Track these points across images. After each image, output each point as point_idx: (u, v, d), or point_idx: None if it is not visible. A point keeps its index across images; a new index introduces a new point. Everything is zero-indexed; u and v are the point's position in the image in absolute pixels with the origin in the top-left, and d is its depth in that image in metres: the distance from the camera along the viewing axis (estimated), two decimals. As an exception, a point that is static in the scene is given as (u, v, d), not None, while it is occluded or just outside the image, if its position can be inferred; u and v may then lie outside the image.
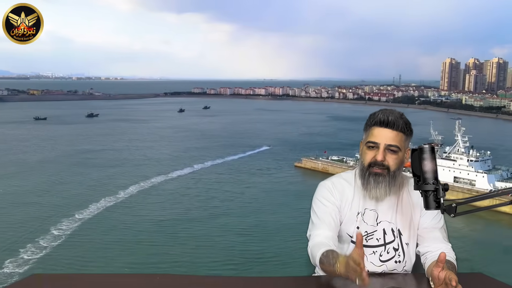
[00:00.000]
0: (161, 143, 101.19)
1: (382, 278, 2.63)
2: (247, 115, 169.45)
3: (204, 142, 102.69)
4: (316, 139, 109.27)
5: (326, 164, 76.64)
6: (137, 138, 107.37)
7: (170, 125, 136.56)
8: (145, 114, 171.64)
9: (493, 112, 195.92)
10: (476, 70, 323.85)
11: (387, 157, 2.67)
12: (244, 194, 59.27)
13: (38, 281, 2.59)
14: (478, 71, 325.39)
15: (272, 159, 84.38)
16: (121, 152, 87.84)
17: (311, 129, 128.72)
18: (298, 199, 54.43)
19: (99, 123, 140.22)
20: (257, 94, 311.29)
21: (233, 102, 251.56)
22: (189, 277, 2.85)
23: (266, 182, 66.67)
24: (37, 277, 2.67)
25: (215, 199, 56.42)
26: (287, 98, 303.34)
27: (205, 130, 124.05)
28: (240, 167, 77.04)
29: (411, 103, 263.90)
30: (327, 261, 2.46)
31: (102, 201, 54.10)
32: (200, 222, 46.52)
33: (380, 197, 2.73)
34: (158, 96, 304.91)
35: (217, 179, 67.82)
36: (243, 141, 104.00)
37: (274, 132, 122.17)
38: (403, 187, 2.84)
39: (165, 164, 77.18)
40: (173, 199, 55.78)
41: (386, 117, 2.67)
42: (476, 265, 34.13)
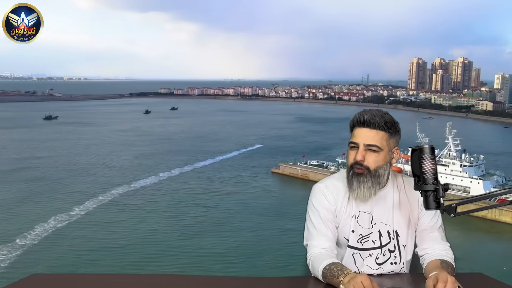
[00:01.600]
0: (123, 148, 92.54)
1: (381, 278, 2.60)
2: (216, 116, 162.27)
3: (171, 146, 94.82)
4: (290, 142, 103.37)
5: (306, 170, 70.50)
6: (96, 143, 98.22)
7: (134, 128, 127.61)
8: (108, 116, 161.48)
9: (463, 111, 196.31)
10: (442, 70, 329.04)
11: (366, 157, 2.62)
12: (218, 208, 52.28)
13: (38, 281, 2.55)
14: (444, 70, 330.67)
15: (246, 165, 77.71)
16: (78, 160, 79.00)
17: (283, 131, 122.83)
18: (281, 213, 48.22)
19: (57, 126, 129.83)
20: (226, 94, 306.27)
21: (201, 102, 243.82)
22: (188, 277, 2.78)
23: (242, 193, 59.86)
24: (36, 277, 2.63)
25: (186, 216, 49.16)
26: (256, 98, 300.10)
27: (172, 133, 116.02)
28: (212, 175, 69.96)
29: (381, 103, 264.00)
30: (330, 275, 2.43)
31: (51, 221, 46.08)
32: (169, 247, 39.15)
33: (364, 197, 2.65)
34: (123, 97, 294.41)
35: (187, 190, 60.49)
36: (213, 145, 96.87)
37: (245, 134, 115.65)
38: (400, 186, 2.77)
39: (127, 173, 69.17)
40: (137, 217, 48.16)
41: (362, 116, 2.63)
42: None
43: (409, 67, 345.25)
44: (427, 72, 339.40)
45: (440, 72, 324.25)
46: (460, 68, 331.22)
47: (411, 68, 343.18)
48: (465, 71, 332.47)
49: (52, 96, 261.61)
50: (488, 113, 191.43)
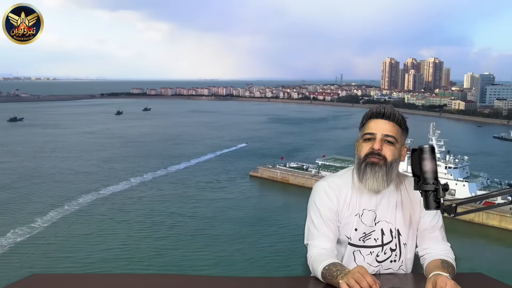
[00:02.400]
0: (93, 152, 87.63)
1: (381, 278, 2.55)
2: (190, 117, 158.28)
3: (143, 149, 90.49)
4: (267, 144, 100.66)
5: (286, 173, 67.72)
6: (64, 147, 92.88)
7: (104, 130, 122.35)
8: (77, 117, 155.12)
9: (436, 110, 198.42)
10: (414, 70, 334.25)
11: (384, 148, 2.60)
12: (195, 217, 48.86)
13: (38, 281, 2.53)
14: (416, 70, 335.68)
15: (222, 168, 74.41)
16: (43, 165, 73.97)
17: (258, 132, 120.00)
18: (264, 220, 45.16)
19: (22, 128, 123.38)
20: (200, 95, 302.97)
21: (175, 103, 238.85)
22: (188, 277, 2.77)
23: (220, 199, 56.57)
24: (36, 277, 2.61)
25: (160, 226, 45.50)
26: (231, 98, 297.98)
27: (145, 135, 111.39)
28: (187, 179, 66.36)
29: (356, 102, 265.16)
30: (330, 275, 2.42)
31: (10, 235, 41.75)
32: (141, 265, 35.47)
33: (377, 188, 2.63)
34: (94, 98, 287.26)
35: (160, 197, 56.79)
36: (187, 148, 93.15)
37: (219, 135, 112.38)
38: (402, 186, 2.76)
39: (96, 179, 64.87)
40: (106, 229, 44.25)
41: (382, 108, 2.64)
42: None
43: (382, 67, 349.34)
44: (399, 72, 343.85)
45: (412, 72, 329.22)
46: (431, 68, 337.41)
47: (384, 68, 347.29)
48: (436, 71, 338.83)
49: (18, 96, 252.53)
50: (461, 112, 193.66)
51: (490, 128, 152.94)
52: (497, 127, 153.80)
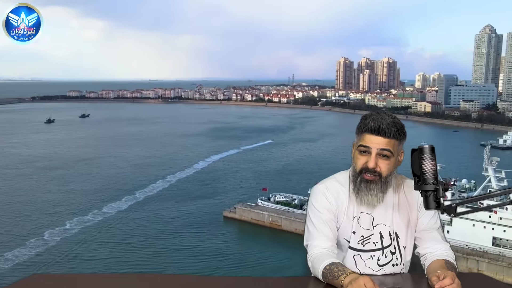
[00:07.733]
0: (4, 181, 64.64)
1: (382, 278, 2.61)
2: (135, 126, 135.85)
3: (74, 177, 68.36)
4: (236, 165, 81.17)
5: (276, 215, 48.80)
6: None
7: (27, 146, 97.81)
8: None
9: (401, 113, 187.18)
10: (369, 70, 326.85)
11: (379, 163, 2.58)
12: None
13: (38, 281, 2.54)
14: (371, 70, 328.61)
15: (183, 205, 54.62)
16: None
17: (222, 148, 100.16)
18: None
19: None
20: (146, 97, 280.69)
21: (118, 107, 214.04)
22: (188, 277, 2.79)
23: (186, 266, 36.79)
24: (37, 277, 2.63)
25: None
26: (180, 101, 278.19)
27: (78, 154, 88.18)
28: (134, 230, 46.03)
29: (314, 104, 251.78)
30: (331, 275, 2.42)
31: None
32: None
33: (372, 203, 2.65)
34: (24, 102, 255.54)
35: (106, 256, 36.28)
36: (131, 173, 72.12)
37: (173, 152, 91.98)
38: (399, 188, 2.75)
39: (14, 224, 43.17)
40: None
41: (377, 125, 2.55)
42: None
43: (337, 66, 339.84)
44: (354, 71, 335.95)
45: (367, 72, 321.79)
46: (385, 68, 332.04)
47: (338, 68, 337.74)
48: (390, 70, 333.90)
49: None
50: (428, 114, 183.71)
51: (467, 133, 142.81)
52: (473, 132, 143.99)
